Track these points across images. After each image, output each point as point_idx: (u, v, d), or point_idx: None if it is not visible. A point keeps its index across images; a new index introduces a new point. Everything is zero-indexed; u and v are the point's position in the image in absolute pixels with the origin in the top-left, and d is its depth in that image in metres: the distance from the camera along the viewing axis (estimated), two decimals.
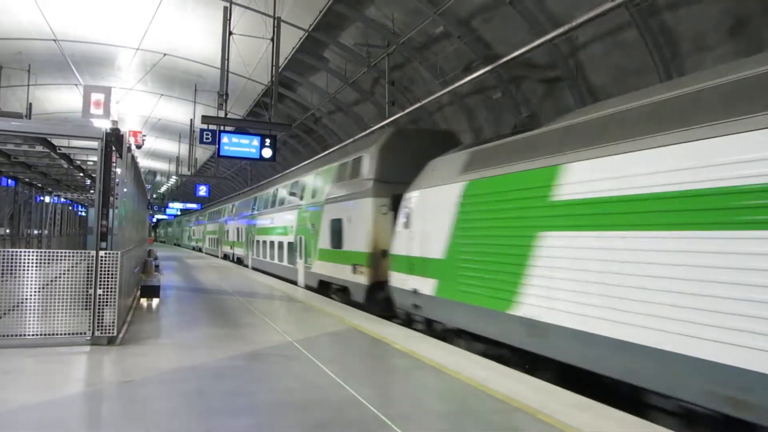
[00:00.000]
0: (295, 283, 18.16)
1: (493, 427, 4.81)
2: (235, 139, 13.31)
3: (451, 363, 7.12)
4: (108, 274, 7.71)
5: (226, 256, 34.64)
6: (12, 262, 7.45)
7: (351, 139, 21.00)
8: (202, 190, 37.35)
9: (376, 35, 17.99)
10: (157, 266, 18.92)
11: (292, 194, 19.81)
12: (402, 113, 17.44)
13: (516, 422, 4.92)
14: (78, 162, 12.75)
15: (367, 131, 19.28)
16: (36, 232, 19.37)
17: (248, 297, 14.27)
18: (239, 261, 29.55)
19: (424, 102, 16.36)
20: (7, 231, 16.47)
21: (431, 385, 6.35)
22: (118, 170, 9.71)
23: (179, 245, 65.19)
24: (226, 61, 14.26)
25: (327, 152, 23.54)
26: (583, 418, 4.99)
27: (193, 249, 51.88)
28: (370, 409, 5.17)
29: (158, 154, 46.88)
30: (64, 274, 7.76)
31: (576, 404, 5.42)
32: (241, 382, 6.07)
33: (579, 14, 10.56)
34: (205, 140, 15.63)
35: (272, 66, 14.85)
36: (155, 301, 12.85)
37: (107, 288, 7.69)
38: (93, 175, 13.48)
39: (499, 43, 14.75)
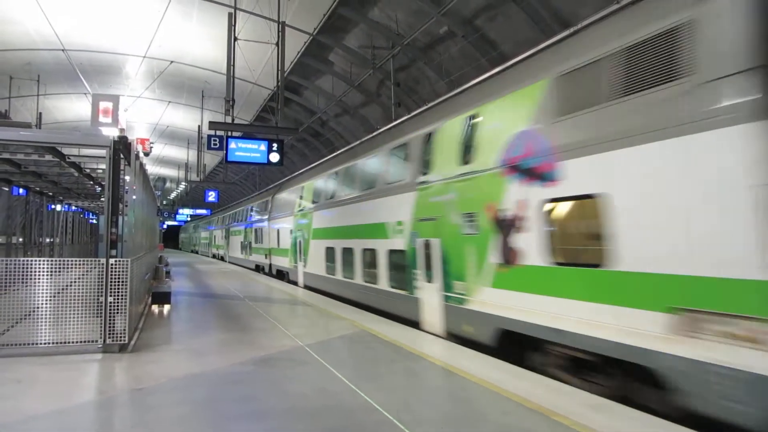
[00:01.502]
0: None
1: (508, 430, 4.75)
2: (242, 144, 13.33)
3: (464, 365, 7.07)
4: (118, 282, 7.74)
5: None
6: (24, 271, 7.49)
7: None
8: (212, 196, 37.61)
9: (380, 37, 17.98)
10: (168, 273, 19.00)
11: None
12: (408, 116, 17.41)
13: (532, 424, 4.85)
14: (87, 170, 12.82)
15: (378, 131, 19.25)
16: (48, 240, 19.53)
17: (258, 301, 14.27)
18: None
19: (430, 105, 16.31)
20: (20, 240, 16.62)
21: (444, 387, 6.29)
22: (127, 178, 9.76)
23: (222, 258, 39.50)
24: (231, 67, 14.29)
25: None
26: (598, 419, 4.92)
27: (266, 272, 26.15)
28: (384, 414, 5.13)
29: (167, 160, 47.18)
30: (75, 282, 7.80)
31: (591, 404, 5.35)
32: (252, 388, 6.05)
33: (584, 11, 10.45)
34: (212, 146, 15.66)
35: (278, 71, 14.87)
36: (166, 308, 12.89)
37: (118, 295, 7.71)
38: (103, 183, 13.56)
39: (505, 41, 14.69)
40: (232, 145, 13.19)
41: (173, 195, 62.40)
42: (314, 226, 17.73)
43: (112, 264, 7.75)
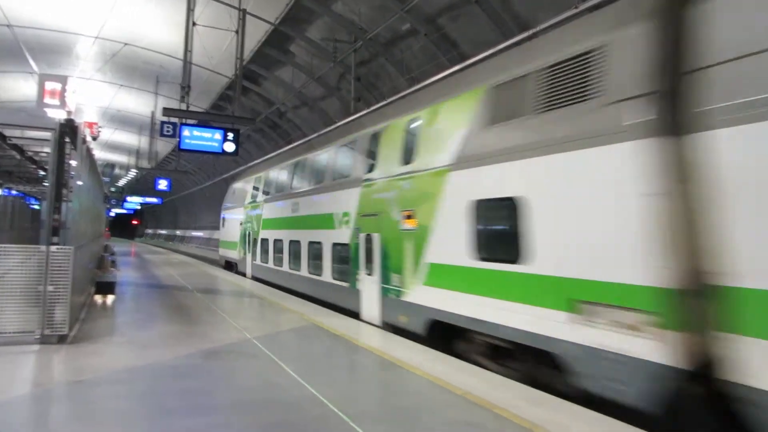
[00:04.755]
0: None
1: (451, 423, 4.85)
2: (197, 132, 13.02)
3: (410, 358, 7.16)
4: (60, 270, 7.46)
5: None
6: None
7: None
8: (162, 184, 36.49)
9: (342, 30, 17.89)
10: (113, 262, 18.40)
11: None
12: (367, 110, 17.41)
13: (474, 417, 4.97)
14: (30, 153, 12.28)
15: (332, 127, 19.17)
16: None
17: (207, 293, 14.03)
18: None
19: (390, 100, 16.37)
20: None
21: (390, 381, 6.36)
22: (73, 162, 9.39)
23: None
24: (188, 53, 13.96)
25: None
26: (537, 412, 5.09)
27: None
28: (330, 407, 5.15)
29: (117, 146, 45.61)
30: (13, 270, 7.46)
31: (530, 398, 5.52)
32: (197, 381, 5.95)
33: (542, 15, 10.71)
34: (165, 133, 15.22)
35: (237, 59, 14.61)
36: (110, 298, 12.51)
37: (59, 284, 7.43)
38: (47, 167, 13.00)
39: (465, 41, 14.88)
40: (186, 132, 12.88)
41: (122, 182, 60.33)
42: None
43: (53, 251, 7.46)
